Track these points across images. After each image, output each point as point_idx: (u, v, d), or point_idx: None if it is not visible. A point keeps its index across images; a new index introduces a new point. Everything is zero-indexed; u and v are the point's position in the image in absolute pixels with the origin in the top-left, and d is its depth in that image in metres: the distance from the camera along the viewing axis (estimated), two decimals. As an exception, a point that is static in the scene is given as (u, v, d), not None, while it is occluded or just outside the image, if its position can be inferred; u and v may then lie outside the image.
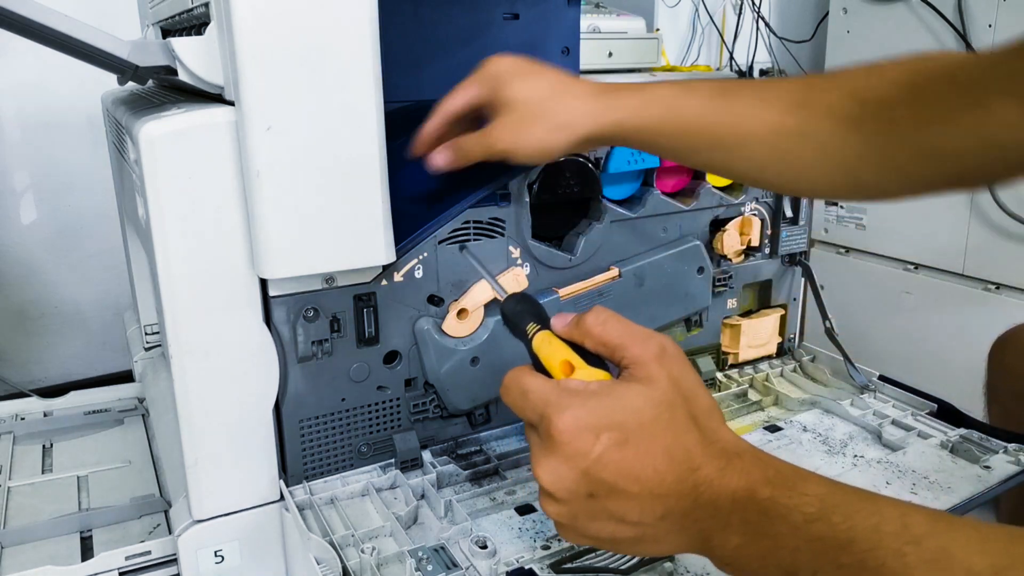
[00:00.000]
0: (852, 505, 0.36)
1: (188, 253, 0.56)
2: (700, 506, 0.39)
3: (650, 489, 0.39)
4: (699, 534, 0.40)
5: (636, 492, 0.39)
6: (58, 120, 1.37)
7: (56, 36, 0.56)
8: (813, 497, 0.37)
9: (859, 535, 0.35)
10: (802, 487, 0.38)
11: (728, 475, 0.39)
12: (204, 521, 0.62)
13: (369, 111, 0.56)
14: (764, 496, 0.38)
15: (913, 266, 1.48)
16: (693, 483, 0.39)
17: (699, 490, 0.39)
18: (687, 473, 0.39)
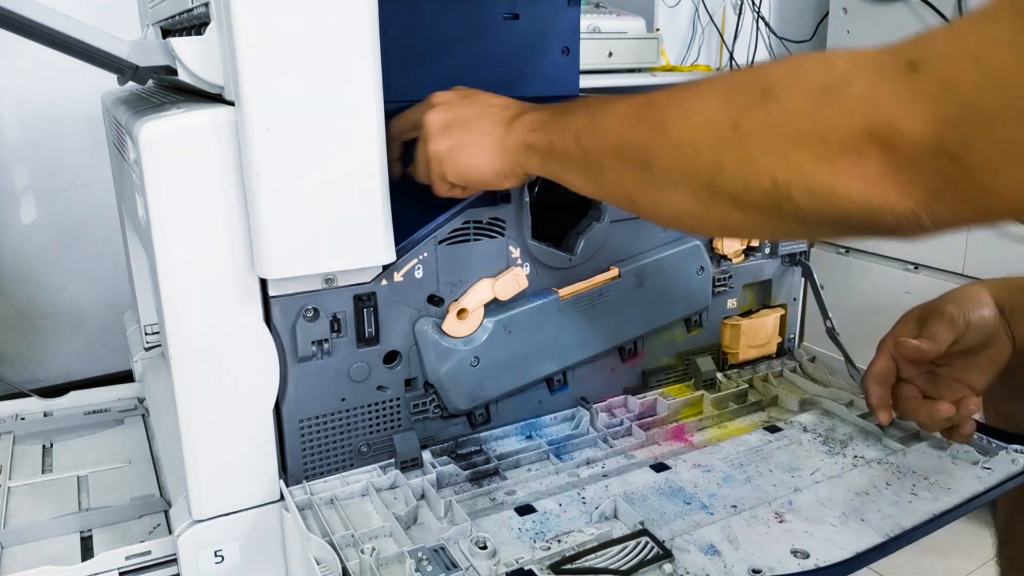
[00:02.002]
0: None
1: (188, 253, 0.56)
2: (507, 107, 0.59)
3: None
4: (502, 123, 0.58)
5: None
6: (58, 120, 1.37)
7: (56, 36, 0.56)
8: None
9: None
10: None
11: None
12: (204, 521, 0.62)
13: (369, 111, 0.56)
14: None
15: (913, 266, 1.48)
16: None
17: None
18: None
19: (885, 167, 0.37)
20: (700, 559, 0.55)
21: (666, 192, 0.47)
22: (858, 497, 0.63)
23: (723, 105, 0.43)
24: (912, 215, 0.38)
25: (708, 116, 0.44)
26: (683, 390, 0.80)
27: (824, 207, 0.40)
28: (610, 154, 0.50)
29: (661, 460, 0.69)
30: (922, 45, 0.37)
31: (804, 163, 0.39)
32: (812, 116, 0.39)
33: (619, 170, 0.50)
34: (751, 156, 0.41)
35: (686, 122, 0.45)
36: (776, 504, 0.62)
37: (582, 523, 0.60)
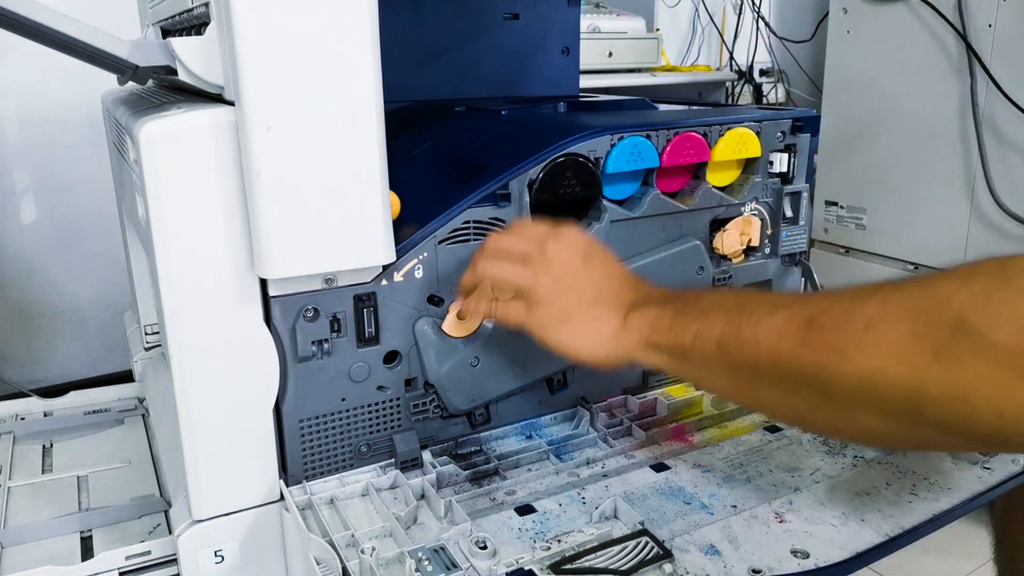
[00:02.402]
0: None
1: (188, 253, 0.56)
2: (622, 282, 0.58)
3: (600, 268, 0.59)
4: (616, 308, 0.57)
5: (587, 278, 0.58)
6: (58, 120, 1.37)
7: (56, 36, 0.56)
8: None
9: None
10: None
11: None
12: (204, 521, 0.62)
13: (369, 111, 0.56)
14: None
15: (913, 266, 1.48)
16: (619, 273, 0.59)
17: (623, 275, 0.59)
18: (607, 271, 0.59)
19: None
20: (700, 559, 0.55)
21: (851, 415, 0.45)
22: (858, 497, 0.63)
23: (913, 336, 0.41)
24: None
25: (898, 347, 0.41)
26: (683, 390, 0.80)
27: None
28: (769, 371, 0.47)
29: (661, 460, 0.69)
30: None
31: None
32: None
33: (784, 388, 0.47)
34: (962, 389, 0.39)
35: (872, 351, 0.42)
36: (776, 504, 0.62)
37: (582, 523, 0.60)
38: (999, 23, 1.30)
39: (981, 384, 0.38)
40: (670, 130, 0.73)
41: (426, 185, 0.74)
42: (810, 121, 0.81)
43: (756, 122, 0.78)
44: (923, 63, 1.41)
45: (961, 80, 1.36)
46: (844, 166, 1.57)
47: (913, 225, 1.47)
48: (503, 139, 0.75)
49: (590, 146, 0.69)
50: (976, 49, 1.33)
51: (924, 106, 1.42)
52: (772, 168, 0.80)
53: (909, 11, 1.42)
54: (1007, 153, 1.32)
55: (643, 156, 0.71)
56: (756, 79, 2.15)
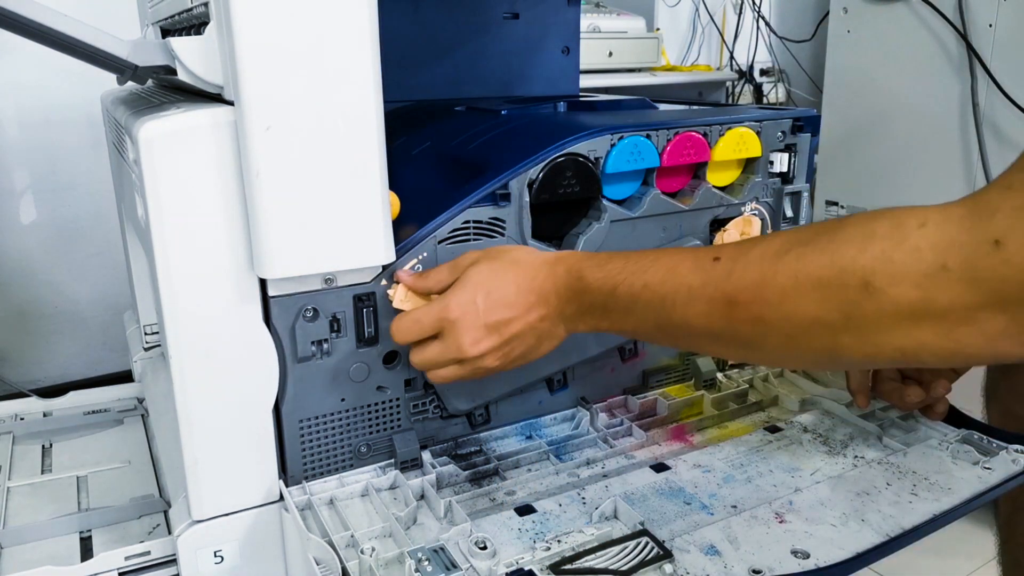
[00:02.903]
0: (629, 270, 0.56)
1: (188, 253, 0.56)
2: (544, 296, 0.59)
3: (516, 304, 0.59)
4: (563, 320, 0.60)
5: (511, 313, 0.59)
6: (58, 120, 1.37)
7: (56, 36, 0.56)
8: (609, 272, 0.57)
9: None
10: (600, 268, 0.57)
11: (556, 274, 0.59)
12: (204, 521, 0.62)
13: (369, 111, 0.56)
14: (575, 268, 0.58)
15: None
16: (539, 290, 0.59)
17: (544, 290, 0.59)
18: (531, 282, 0.59)
19: (1002, 326, 0.42)
20: (700, 559, 0.55)
21: (780, 362, 0.58)
22: (858, 497, 0.63)
23: (825, 304, 0.46)
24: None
25: (814, 314, 0.47)
26: (683, 390, 0.80)
27: (949, 362, 0.46)
28: (707, 339, 0.54)
29: (661, 460, 0.69)
30: (999, 220, 0.41)
31: (926, 336, 0.44)
32: (925, 301, 0.43)
33: (722, 346, 0.55)
34: (870, 338, 0.46)
35: (790, 321, 0.48)
36: (776, 504, 0.62)
37: (582, 523, 0.60)
38: (999, 23, 1.30)
39: (886, 333, 0.45)
40: (670, 130, 0.73)
41: (426, 185, 0.74)
42: (810, 121, 0.81)
43: (756, 122, 0.78)
44: (923, 63, 1.41)
45: (961, 80, 1.36)
46: (844, 166, 1.57)
47: (913, 225, 1.46)
48: (503, 139, 0.75)
49: (590, 146, 0.69)
50: (976, 49, 1.33)
51: (924, 106, 1.42)
52: (772, 168, 0.80)
53: (909, 11, 1.42)
54: (1007, 153, 1.32)
55: (643, 156, 0.71)
56: (756, 79, 2.15)
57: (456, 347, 0.59)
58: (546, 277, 0.59)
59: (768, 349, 0.51)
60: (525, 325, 0.59)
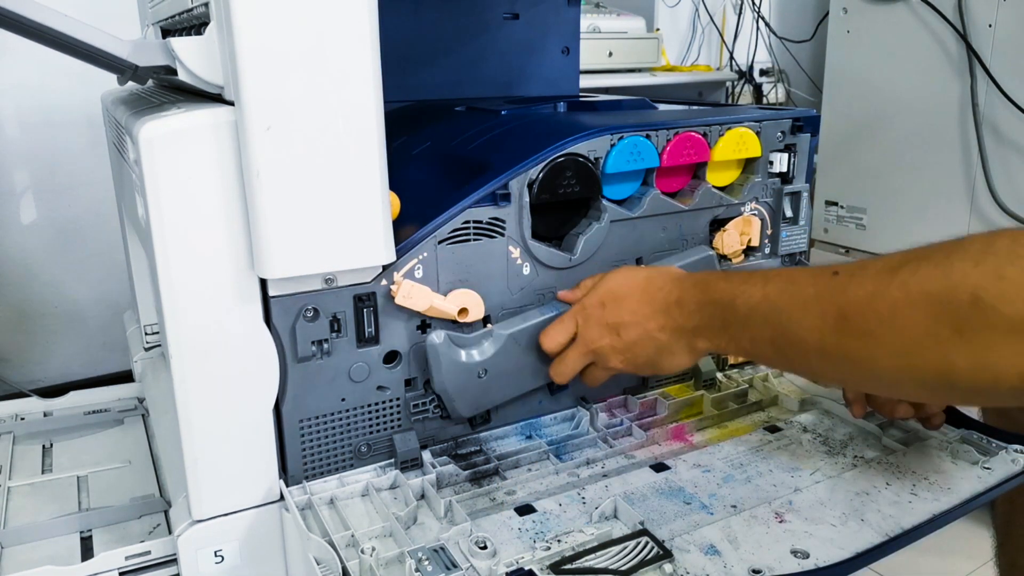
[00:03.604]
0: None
1: (188, 253, 0.56)
2: (666, 306, 0.62)
3: (636, 311, 0.63)
4: (683, 335, 0.62)
5: (629, 318, 0.63)
6: (58, 120, 1.37)
7: (56, 36, 0.56)
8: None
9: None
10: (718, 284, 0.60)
11: (683, 286, 0.62)
12: (204, 521, 0.62)
13: (369, 111, 0.56)
14: (701, 280, 0.61)
15: (913, 266, 1.48)
16: (661, 301, 0.62)
17: (666, 301, 0.62)
18: (656, 292, 0.63)
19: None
20: (700, 559, 0.55)
21: (892, 387, 0.54)
22: (858, 497, 0.63)
23: (936, 318, 0.45)
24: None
25: (924, 329, 0.46)
26: (683, 390, 0.80)
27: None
28: (819, 357, 0.53)
29: (661, 460, 0.69)
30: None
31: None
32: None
33: (833, 365, 0.54)
34: (981, 356, 0.44)
35: (900, 335, 0.47)
36: (776, 504, 0.62)
37: (582, 523, 0.60)
38: (999, 23, 1.30)
39: (1002, 353, 0.43)
40: (670, 130, 0.73)
41: (426, 185, 0.74)
42: (810, 121, 0.81)
43: (756, 122, 0.78)
44: (923, 63, 1.41)
45: (961, 80, 1.36)
46: (844, 166, 1.57)
47: (913, 225, 1.47)
48: (503, 139, 0.75)
49: (590, 146, 0.69)
50: (976, 49, 1.33)
51: (924, 106, 1.42)
52: (772, 168, 0.80)
53: (909, 11, 1.42)
54: (1007, 153, 1.32)
55: (643, 156, 0.71)
56: (756, 79, 2.15)
57: (583, 341, 0.65)
58: (671, 289, 0.62)
59: (878, 368, 0.49)
60: (643, 332, 0.63)
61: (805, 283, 0.53)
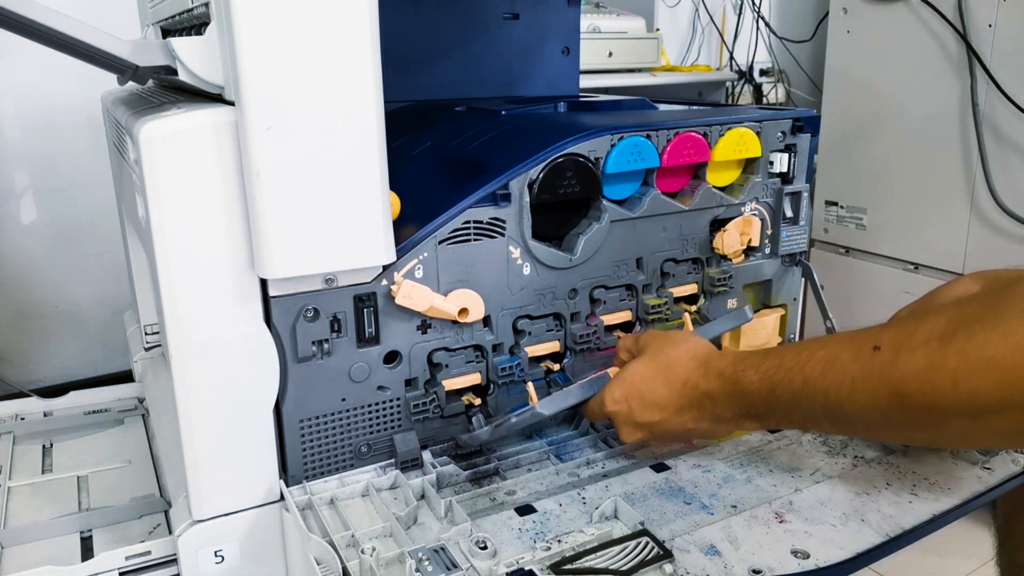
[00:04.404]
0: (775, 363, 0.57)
1: (188, 253, 0.56)
2: (696, 400, 0.61)
3: (666, 407, 0.63)
4: (722, 422, 0.61)
5: (660, 416, 0.63)
6: (58, 120, 1.37)
7: (56, 36, 0.56)
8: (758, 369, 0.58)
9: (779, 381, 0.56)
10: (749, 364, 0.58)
11: (709, 378, 0.61)
12: (204, 521, 0.62)
13: (369, 111, 0.56)
14: (728, 374, 0.59)
15: (913, 266, 1.48)
16: (690, 393, 0.62)
17: (696, 394, 0.61)
18: (682, 386, 0.62)
19: None
20: (700, 559, 0.55)
21: (969, 445, 0.57)
22: (858, 497, 0.63)
23: (1006, 385, 0.44)
24: None
25: (995, 396, 0.44)
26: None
27: None
28: (882, 427, 0.53)
29: (661, 460, 0.69)
30: None
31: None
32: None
33: (901, 435, 0.56)
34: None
35: (970, 404, 0.46)
36: (776, 504, 0.62)
37: (582, 523, 0.60)
38: (999, 23, 1.30)
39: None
40: (670, 130, 0.73)
41: (426, 185, 0.74)
42: (810, 121, 0.81)
43: (756, 122, 0.78)
44: (923, 63, 1.41)
45: (961, 80, 1.36)
46: (844, 166, 1.57)
47: (913, 225, 1.46)
48: (503, 139, 0.75)
49: (590, 146, 0.69)
50: (976, 49, 1.33)
51: (924, 106, 1.42)
52: (772, 168, 0.80)
53: (909, 11, 1.42)
54: (1007, 153, 1.32)
55: (643, 156, 0.71)
56: (756, 79, 2.15)
57: (620, 434, 0.65)
58: (698, 380, 0.61)
59: (951, 433, 0.49)
60: (677, 424, 0.63)
61: (847, 362, 0.51)
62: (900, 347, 0.49)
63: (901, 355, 0.48)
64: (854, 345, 0.51)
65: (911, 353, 0.48)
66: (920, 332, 0.48)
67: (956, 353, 0.45)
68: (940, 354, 0.46)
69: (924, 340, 0.47)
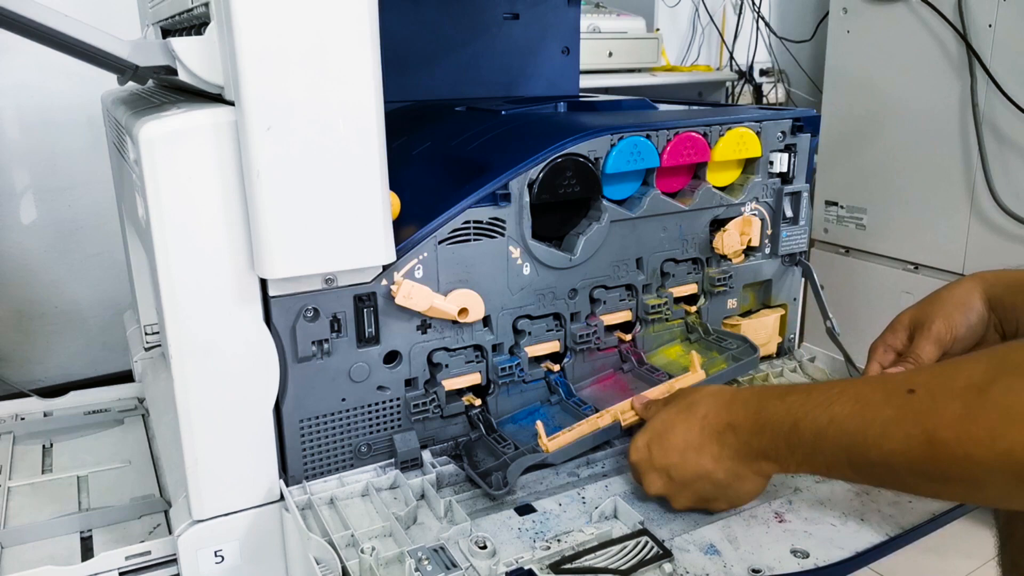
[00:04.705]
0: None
1: (188, 253, 0.56)
2: (717, 433, 0.58)
3: (685, 449, 0.59)
4: (747, 460, 0.57)
5: (677, 458, 0.59)
6: (58, 120, 1.37)
7: (56, 36, 0.56)
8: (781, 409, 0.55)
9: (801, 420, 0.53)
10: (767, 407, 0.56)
11: (732, 409, 0.58)
12: (204, 521, 0.62)
13: (369, 111, 0.56)
14: (753, 403, 0.57)
15: (913, 266, 1.48)
16: (710, 428, 0.58)
17: (716, 428, 0.58)
18: (701, 422, 0.59)
19: None
20: (700, 559, 0.55)
21: (1013, 505, 0.49)
22: (858, 497, 0.63)
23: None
24: None
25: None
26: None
27: None
28: (910, 477, 0.49)
29: (661, 460, 0.69)
30: None
31: None
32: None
33: (932, 488, 0.50)
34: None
35: (1010, 459, 0.44)
36: (776, 504, 0.62)
37: (582, 523, 0.60)
38: (999, 23, 1.30)
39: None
40: (670, 130, 0.73)
41: (426, 185, 0.74)
42: (810, 121, 0.81)
43: (756, 122, 0.78)
44: (923, 63, 1.41)
45: (961, 80, 1.36)
46: (844, 166, 1.57)
47: (913, 225, 1.46)
48: (503, 139, 0.75)
49: (590, 146, 0.69)
50: (976, 49, 1.33)
51: (924, 106, 1.42)
52: (772, 168, 0.80)
53: (909, 11, 1.42)
54: (1007, 153, 1.32)
55: (643, 156, 0.71)
56: (756, 79, 2.15)
57: (643, 486, 0.62)
58: (719, 413, 0.58)
59: (985, 491, 0.47)
60: (697, 468, 0.58)
61: (878, 404, 0.49)
62: (936, 393, 0.47)
63: (937, 401, 0.46)
64: (887, 386, 0.50)
65: (948, 400, 0.46)
66: (958, 378, 0.46)
67: (995, 406, 0.44)
68: (977, 404, 0.44)
69: (963, 388, 0.45)
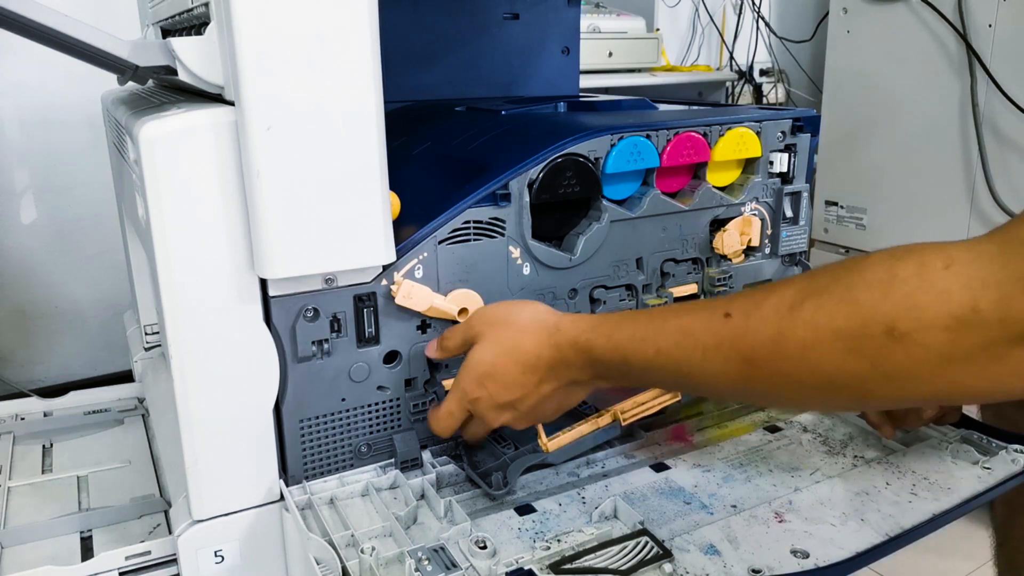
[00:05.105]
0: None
1: (188, 253, 0.56)
2: (552, 369, 0.59)
3: (524, 384, 0.60)
4: (580, 386, 0.60)
5: (520, 392, 0.60)
6: (58, 120, 1.37)
7: (56, 36, 0.56)
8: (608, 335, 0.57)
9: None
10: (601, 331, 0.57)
11: (561, 349, 0.58)
12: (204, 521, 0.62)
13: (369, 111, 0.56)
14: (581, 342, 0.57)
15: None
16: (544, 366, 0.59)
17: (552, 365, 0.59)
18: (536, 361, 0.59)
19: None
20: (700, 559, 0.55)
21: (808, 410, 0.60)
22: (858, 497, 0.63)
23: (850, 355, 0.45)
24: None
25: (839, 366, 0.45)
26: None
27: (986, 399, 0.47)
28: (727, 392, 0.54)
29: (661, 460, 0.69)
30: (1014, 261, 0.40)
31: (958, 376, 0.43)
32: (955, 343, 0.42)
33: (745, 399, 0.57)
34: (901, 383, 0.44)
35: (814, 374, 0.46)
36: (776, 504, 0.62)
37: (582, 523, 0.60)
38: (999, 23, 1.30)
39: (916, 378, 0.44)
40: (670, 130, 0.73)
41: (426, 185, 0.74)
42: (810, 121, 0.81)
43: (756, 122, 0.78)
44: (923, 63, 1.41)
45: (961, 80, 1.36)
46: (844, 166, 1.57)
47: (913, 225, 1.47)
48: (503, 139, 0.75)
49: (590, 146, 0.69)
50: (976, 49, 1.33)
51: (924, 106, 1.42)
52: (772, 168, 0.80)
53: (909, 11, 1.42)
54: (1007, 153, 1.32)
55: (643, 156, 0.71)
56: (756, 79, 2.15)
57: (485, 424, 0.63)
58: (552, 354, 0.59)
59: (794, 400, 0.51)
60: (539, 398, 0.60)
61: (700, 333, 0.51)
62: (750, 315, 0.49)
63: (750, 322, 0.49)
64: (706, 313, 0.52)
65: (760, 322, 0.48)
66: (770, 300, 0.48)
67: (804, 323, 0.46)
68: (788, 323, 0.47)
69: (773, 309, 0.47)
